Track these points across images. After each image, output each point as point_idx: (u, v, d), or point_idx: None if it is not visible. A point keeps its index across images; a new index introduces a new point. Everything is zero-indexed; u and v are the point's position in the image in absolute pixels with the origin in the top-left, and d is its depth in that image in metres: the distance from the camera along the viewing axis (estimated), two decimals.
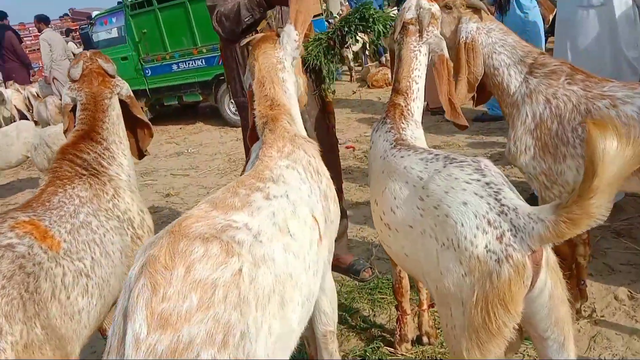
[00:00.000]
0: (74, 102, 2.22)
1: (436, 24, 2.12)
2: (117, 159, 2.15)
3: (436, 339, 2.38)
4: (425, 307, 2.38)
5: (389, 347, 2.40)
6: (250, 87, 1.94)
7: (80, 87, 2.21)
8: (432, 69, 2.09)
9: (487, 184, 1.44)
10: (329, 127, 2.92)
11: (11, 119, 8.27)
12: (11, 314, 1.43)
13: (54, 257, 1.66)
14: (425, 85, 2.10)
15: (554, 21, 5.07)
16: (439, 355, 2.33)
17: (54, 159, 2.07)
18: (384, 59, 9.48)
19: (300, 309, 1.37)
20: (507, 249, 1.33)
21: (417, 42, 2.08)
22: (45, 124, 7.49)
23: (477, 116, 5.78)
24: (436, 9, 2.13)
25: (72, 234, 1.77)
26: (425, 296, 2.36)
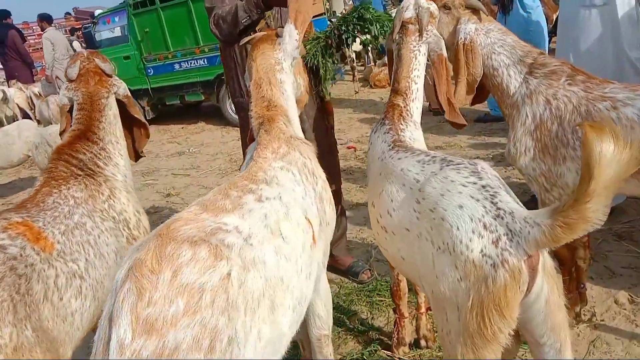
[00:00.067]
0: (71, 102, 2.20)
1: (434, 23, 2.10)
2: (113, 159, 2.13)
3: (434, 342, 2.36)
4: (423, 310, 2.36)
5: (386, 350, 2.38)
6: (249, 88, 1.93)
7: (77, 86, 2.19)
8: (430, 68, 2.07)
9: (484, 187, 1.41)
10: (328, 128, 2.90)
11: (14, 118, 8.27)
12: (0, 316, 1.42)
13: (47, 258, 1.64)
14: (425, 85, 2.08)
15: (557, 21, 5.03)
16: (437, 358, 2.31)
17: (50, 159, 2.06)
18: (385, 58, 9.43)
19: (291, 313, 1.35)
20: (503, 253, 1.30)
21: (417, 41, 2.06)
22: (47, 123, 7.51)
23: (479, 117, 5.74)
24: (434, 7, 2.11)
25: (66, 235, 1.76)
26: (423, 299, 2.34)
